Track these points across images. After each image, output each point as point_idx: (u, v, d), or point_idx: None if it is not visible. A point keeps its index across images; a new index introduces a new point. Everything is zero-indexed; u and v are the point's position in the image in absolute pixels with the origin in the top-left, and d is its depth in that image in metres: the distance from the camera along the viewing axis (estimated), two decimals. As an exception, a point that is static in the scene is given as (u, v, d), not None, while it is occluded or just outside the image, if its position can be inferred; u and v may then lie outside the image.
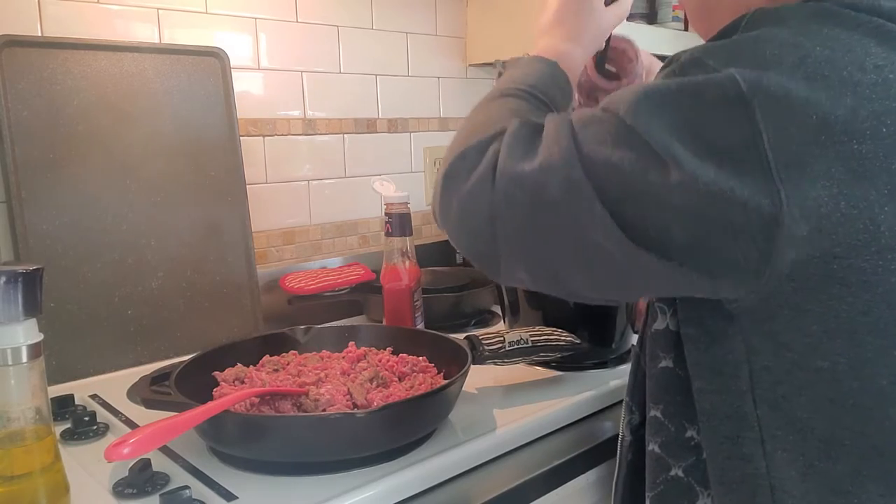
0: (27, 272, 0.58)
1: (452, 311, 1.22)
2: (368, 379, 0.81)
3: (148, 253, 1.08)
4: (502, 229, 0.55)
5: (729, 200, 0.47)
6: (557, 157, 0.52)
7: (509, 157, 0.55)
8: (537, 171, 0.53)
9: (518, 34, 1.50)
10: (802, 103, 0.47)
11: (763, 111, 0.47)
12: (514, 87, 0.69)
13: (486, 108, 0.67)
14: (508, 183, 0.54)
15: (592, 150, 0.51)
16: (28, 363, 0.58)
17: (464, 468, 0.74)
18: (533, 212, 0.53)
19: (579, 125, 0.54)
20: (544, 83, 0.71)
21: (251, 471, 0.70)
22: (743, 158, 0.47)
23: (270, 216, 1.30)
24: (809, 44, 0.49)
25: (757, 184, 0.47)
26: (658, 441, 0.62)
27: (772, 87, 0.47)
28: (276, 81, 1.29)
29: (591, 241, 0.52)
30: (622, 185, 0.50)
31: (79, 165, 1.02)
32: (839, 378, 0.51)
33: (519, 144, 0.55)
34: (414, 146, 1.53)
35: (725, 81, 0.48)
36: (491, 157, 0.56)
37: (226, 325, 1.15)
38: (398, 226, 1.05)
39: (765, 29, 0.51)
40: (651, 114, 0.49)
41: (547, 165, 0.53)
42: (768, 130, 0.47)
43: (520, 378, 0.94)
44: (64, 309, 1.00)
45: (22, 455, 0.59)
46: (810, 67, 0.48)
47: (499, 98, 0.68)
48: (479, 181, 0.56)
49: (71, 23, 1.05)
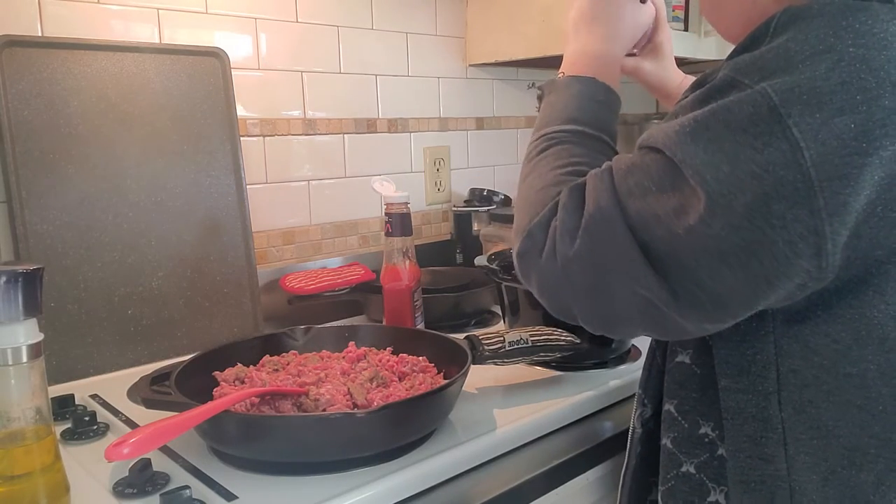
0: (27, 272, 0.58)
1: (452, 311, 1.22)
2: (368, 379, 0.81)
3: (148, 253, 1.08)
4: (574, 298, 0.58)
5: (773, 226, 0.47)
6: (601, 221, 0.54)
7: (562, 239, 0.57)
8: (587, 242, 0.55)
9: (518, 34, 1.50)
10: (839, 112, 0.46)
11: (800, 126, 0.46)
12: (559, 130, 0.69)
13: (538, 168, 0.67)
14: (567, 263, 0.57)
15: (635, 206, 0.53)
16: (28, 363, 0.59)
17: (464, 468, 0.74)
18: (595, 281, 0.55)
19: (620, 177, 0.55)
20: (587, 111, 0.70)
21: (251, 471, 0.70)
22: (784, 179, 0.46)
23: (270, 216, 1.30)
24: (841, 45, 0.48)
25: (801, 205, 0.46)
26: (671, 436, 0.62)
27: (805, 97, 0.46)
28: (276, 81, 1.29)
29: (646, 300, 0.53)
30: (667, 240, 0.51)
31: (79, 165, 1.02)
32: (868, 385, 0.51)
33: (570, 217, 0.57)
34: (414, 146, 1.53)
35: (757, 97, 0.47)
36: (553, 235, 0.59)
37: (226, 325, 1.15)
38: (398, 226, 1.05)
39: (794, 31, 0.50)
40: (691, 146, 0.49)
41: (593, 232, 0.55)
42: (808, 145, 0.46)
43: (520, 378, 0.94)
44: (64, 309, 1.00)
45: (22, 455, 0.60)
46: (844, 71, 0.47)
47: (547, 150, 0.68)
48: (547, 260, 0.59)
49: (71, 23, 1.05)
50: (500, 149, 1.72)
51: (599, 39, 0.75)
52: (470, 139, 1.65)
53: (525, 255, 0.61)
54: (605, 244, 0.54)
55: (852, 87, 0.46)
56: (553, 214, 0.59)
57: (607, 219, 0.54)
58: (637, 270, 0.52)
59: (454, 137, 1.61)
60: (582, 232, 0.55)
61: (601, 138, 0.69)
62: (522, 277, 0.63)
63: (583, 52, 0.74)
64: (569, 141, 0.68)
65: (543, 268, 0.59)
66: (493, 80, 1.68)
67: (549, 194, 0.61)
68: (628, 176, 0.54)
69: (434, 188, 1.58)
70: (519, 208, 0.65)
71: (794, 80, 0.47)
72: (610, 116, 0.72)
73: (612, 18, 0.75)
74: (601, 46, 0.75)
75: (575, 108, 0.70)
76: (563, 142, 0.68)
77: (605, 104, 0.72)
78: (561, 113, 0.70)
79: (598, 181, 0.56)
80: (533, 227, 0.60)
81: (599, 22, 0.75)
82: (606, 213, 0.54)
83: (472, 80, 1.63)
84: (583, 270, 0.55)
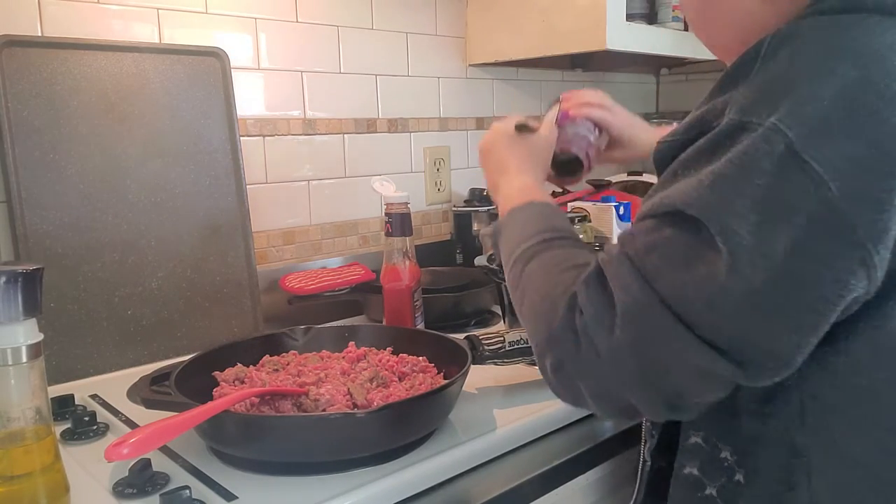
0: (27, 272, 0.58)
1: (452, 311, 1.22)
2: (368, 379, 0.81)
3: (148, 253, 1.08)
4: (631, 390, 0.53)
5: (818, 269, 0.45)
6: (637, 308, 0.50)
7: (597, 334, 0.52)
8: (629, 331, 0.51)
9: (518, 34, 1.50)
10: (852, 138, 0.45)
11: (817, 160, 0.45)
12: (528, 247, 0.66)
13: (530, 285, 0.63)
14: (613, 354, 0.52)
15: (667, 284, 0.49)
16: (28, 363, 0.59)
17: (464, 468, 0.74)
18: (648, 367, 0.51)
19: (640, 258, 0.51)
20: (544, 223, 0.69)
21: (251, 471, 0.70)
22: (815, 217, 0.45)
23: (270, 216, 1.30)
24: (842, 67, 0.46)
25: (840, 239, 0.45)
26: (696, 464, 0.61)
27: (816, 128, 0.45)
28: (276, 81, 1.29)
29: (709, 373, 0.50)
30: (710, 310, 0.48)
31: (79, 165, 1.02)
32: (884, 398, 0.50)
33: (600, 311, 0.53)
34: (414, 146, 1.53)
35: (770, 135, 0.46)
36: (584, 332, 0.53)
37: (226, 325, 1.15)
38: (398, 226, 1.05)
39: (788, 56, 0.49)
40: (715, 200, 0.47)
41: (632, 320, 0.51)
42: (831, 177, 0.44)
43: (520, 378, 0.94)
44: (64, 309, 1.00)
45: (22, 455, 0.59)
46: (848, 96, 0.46)
47: (528, 265, 0.64)
48: (588, 360, 0.54)
49: (71, 23, 1.05)
50: (500, 149, 1.72)
51: (514, 179, 0.79)
52: (470, 139, 1.65)
53: (561, 366, 0.56)
54: (649, 331, 0.50)
55: (860, 112, 0.45)
56: (572, 314, 0.55)
57: (643, 304, 0.50)
58: (690, 350, 0.49)
59: (454, 137, 1.61)
60: (620, 322, 0.51)
61: (570, 237, 0.67)
62: (566, 394, 0.57)
63: (508, 194, 0.77)
64: (543, 250, 0.65)
65: (587, 370, 0.54)
66: (493, 80, 1.68)
67: (556, 298, 0.57)
68: (650, 254, 0.51)
69: (434, 188, 1.58)
70: (531, 326, 0.61)
71: (802, 110, 0.46)
72: (562, 221, 0.70)
73: (512, 160, 0.81)
74: (518, 182, 0.79)
75: (532, 226, 0.69)
76: (539, 252, 0.65)
77: (555, 214, 0.72)
78: (520, 236, 0.68)
79: (618, 266, 0.52)
80: (556, 333, 0.55)
81: (504, 169, 0.81)
82: (640, 298, 0.50)
83: (472, 80, 1.63)
84: (631, 359, 0.51)
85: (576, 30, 1.39)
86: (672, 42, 1.51)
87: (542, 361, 0.58)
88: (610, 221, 1.44)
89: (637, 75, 2.09)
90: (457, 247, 1.58)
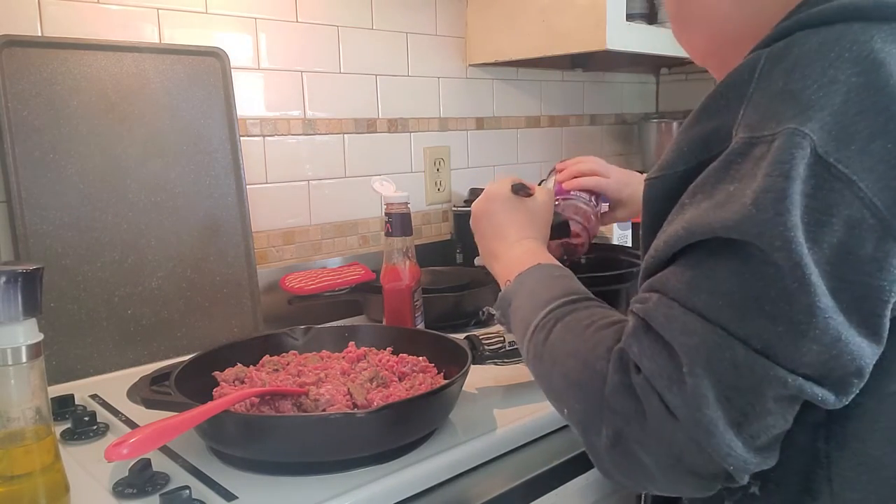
0: (27, 272, 0.58)
1: (452, 311, 1.22)
2: (368, 379, 0.81)
3: (148, 253, 1.08)
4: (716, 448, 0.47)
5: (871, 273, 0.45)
6: (709, 351, 0.46)
7: (668, 390, 0.48)
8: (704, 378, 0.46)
9: (518, 34, 1.50)
10: (871, 138, 0.45)
11: (843, 162, 0.44)
12: (546, 314, 0.61)
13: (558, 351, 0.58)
14: (692, 411, 0.47)
15: (730, 318, 0.46)
16: (28, 363, 0.58)
17: (464, 468, 0.74)
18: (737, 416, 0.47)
19: (687, 298, 0.48)
20: (557, 287, 0.65)
21: (251, 471, 0.70)
22: (853, 219, 0.44)
23: (270, 216, 1.30)
24: (843, 76, 0.47)
25: (885, 238, 0.45)
26: None
27: (834, 132, 0.45)
28: (276, 81, 1.29)
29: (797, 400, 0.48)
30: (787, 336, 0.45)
31: (79, 165, 1.02)
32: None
33: (661, 365, 0.48)
34: (414, 146, 1.53)
35: (796, 140, 0.45)
36: (647, 393, 0.49)
37: (226, 325, 1.15)
38: (398, 226, 1.05)
39: (784, 74, 0.48)
40: (762, 216, 0.45)
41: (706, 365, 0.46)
42: (860, 177, 0.44)
43: (520, 378, 0.94)
44: (64, 309, 1.00)
45: (22, 455, 0.59)
46: (856, 101, 0.46)
47: (552, 333, 0.59)
48: (660, 427, 0.48)
49: (71, 23, 1.05)
50: (500, 149, 1.72)
51: (514, 245, 0.76)
52: (470, 139, 1.65)
53: (620, 438, 0.50)
54: (728, 372, 0.46)
55: (871, 112, 0.46)
56: (626, 375, 0.50)
57: (713, 345, 0.46)
58: (780, 382, 0.45)
59: (454, 137, 1.61)
60: (689, 370, 0.46)
61: (593, 299, 0.63)
62: (625, 472, 0.52)
63: (509, 261, 0.74)
64: (567, 314, 0.60)
65: (657, 435, 0.48)
66: (493, 80, 1.68)
67: (597, 361, 0.52)
68: (697, 292, 0.47)
69: (434, 188, 1.58)
70: (568, 398, 0.55)
71: (817, 117, 0.45)
72: (576, 284, 0.66)
73: (511, 226, 0.78)
74: (520, 248, 0.75)
75: (543, 293, 0.64)
76: (561, 318, 0.60)
77: (564, 276, 0.68)
78: (536, 305, 0.63)
79: (667, 311, 0.48)
80: (610, 399, 0.50)
81: (502, 234, 0.78)
82: (708, 339, 0.46)
83: (472, 80, 1.63)
84: (714, 407, 0.46)
85: (576, 30, 1.39)
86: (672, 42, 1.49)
87: (591, 438, 0.53)
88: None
89: (637, 75, 2.10)
90: (457, 247, 1.58)
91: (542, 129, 1.82)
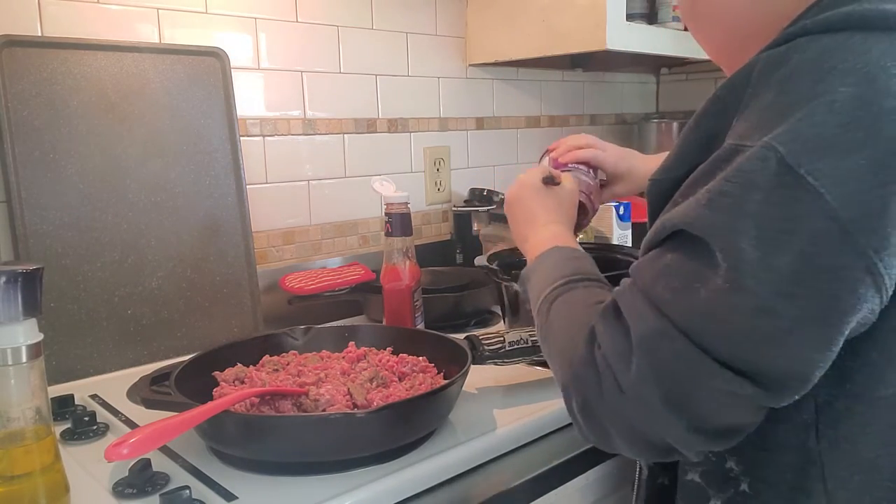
0: (27, 272, 0.58)
1: (452, 311, 1.22)
2: (368, 379, 0.81)
3: (148, 253, 1.08)
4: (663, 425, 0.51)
5: (829, 281, 0.45)
6: (652, 338, 0.50)
7: (617, 366, 0.52)
8: (646, 361, 0.50)
9: (518, 34, 1.50)
10: (846, 153, 0.45)
11: (813, 174, 0.45)
12: (554, 288, 0.66)
13: (554, 324, 0.64)
14: (635, 387, 0.51)
15: (677, 310, 0.49)
16: (28, 363, 0.59)
17: (464, 468, 0.74)
18: (674, 397, 0.50)
19: (648, 287, 0.52)
20: (570, 267, 0.69)
21: (251, 471, 0.70)
22: (816, 230, 0.45)
23: (270, 216, 1.30)
24: (831, 88, 0.47)
25: (845, 251, 0.45)
26: (699, 471, 0.60)
27: (810, 144, 0.45)
28: (276, 81, 1.29)
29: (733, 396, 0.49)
30: (724, 333, 0.47)
31: (79, 165, 1.02)
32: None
33: (616, 342, 0.52)
34: (414, 146, 1.53)
35: (764, 152, 0.46)
36: (604, 367, 0.53)
37: (226, 325, 1.15)
38: (398, 226, 1.05)
39: (777, 83, 0.49)
40: (713, 217, 0.47)
41: (647, 349, 0.50)
42: (828, 190, 0.45)
43: (520, 378, 0.94)
44: (64, 309, 1.00)
45: (22, 455, 0.59)
46: (840, 113, 0.46)
47: (554, 304, 0.65)
48: (612, 398, 0.52)
49: (71, 23, 1.05)
50: (500, 149, 1.72)
51: (542, 229, 0.80)
52: (470, 139, 1.65)
53: (586, 406, 0.54)
54: (667, 359, 0.49)
55: (852, 127, 0.45)
56: (590, 347, 0.54)
57: (657, 332, 0.50)
58: (711, 375, 0.48)
59: (454, 137, 1.61)
60: (636, 351, 0.50)
61: (595, 279, 0.67)
62: (596, 437, 0.56)
63: (536, 243, 0.78)
64: (567, 291, 0.65)
65: (612, 408, 0.53)
66: (493, 80, 1.68)
67: (576, 334, 0.57)
68: (656, 283, 0.51)
69: (434, 188, 1.58)
70: (556, 366, 0.60)
71: (795, 130, 0.46)
72: (588, 265, 0.70)
73: (540, 211, 0.83)
74: (547, 231, 0.79)
75: (558, 270, 0.69)
76: (564, 292, 0.65)
77: (578, 258, 0.72)
78: (547, 279, 0.68)
79: (631, 296, 0.53)
80: (577, 370, 0.55)
81: (533, 220, 0.82)
82: (654, 326, 0.50)
83: (472, 80, 1.63)
84: (653, 389, 0.50)
85: (576, 30, 1.39)
86: (672, 42, 1.51)
87: (569, 403, 0.57)
88: (610, 221, 1.45)
89: (637, 75, 2.10)
90: (457, 247, 1.58)
91: (542, 129, 1.82)
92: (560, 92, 1.85)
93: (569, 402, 0.57)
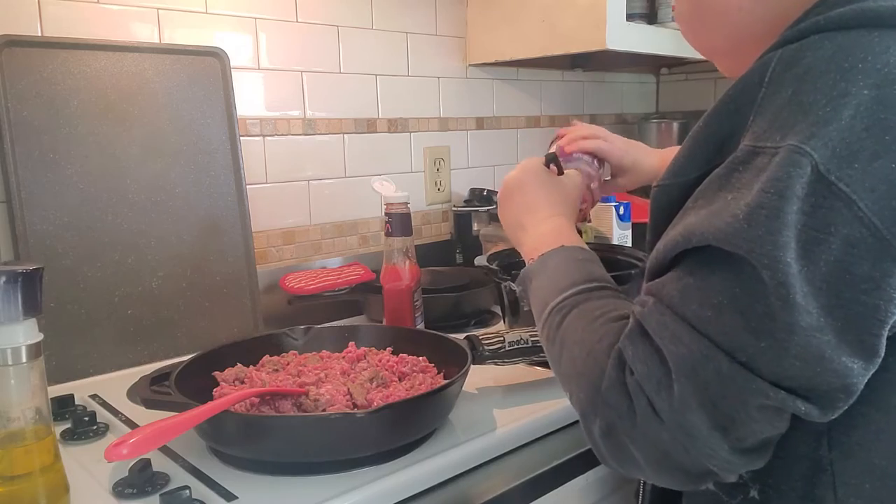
0: (27, 272, 0.58)
1: (452, 311, 1.22)
2: (368, 379, 0.81)
3: (148, 253, 1.08)
4: (699, 450, 0.49)
5: (867, 291, 0.44)
6: (693, 360, 0.48)
7: (657, 393, 0.49)
8: (689, 385, 0.48)
9: (518, 34, 1.50)
10: (874, 157, 0.44)
11: (844, 180, 0.44)
12: (563, 299, 0.63)
13: (568, 338, 0.60)
14: (676, 415, 0.48)
15: (718, 330, 0.47)
16: (28, 363, 0.59)
17: (464, 468, 0.74)
18: (720, 421, 0.48)
19: (680, 306, 0.49)
20: (577, 272, 0.66)
21: (251, 471, 0.70)
22: (851, 238, 0.44)
23: (270, 216, 1.30)
24: (855, 88, 0.46)
25: (882, 258, 0.44)
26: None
27: (837, 150, 0.45)
28: (276, 81, 1.29)
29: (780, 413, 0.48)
30: (772, 351, 0.46)
31: (79, 165, 1.02)
32: None
33: (652, 368, 0.50)
34: (414, 146, 1.53)
35: (796, 158, 0.45)
36: (638, 393, 0.50)
37: (226, 325, 1.15)
38: (398, 226, 1.05)
39: (796, 81, 0.48)
40: (754, 238, 0.45)
41: (690, 373, 0.48)
42: (860, 196, 0.44)
43: (520, 378, 0.94)
44: (64, 309, 1.00)
45: (22, 455, 0.60)
46: (865, 116, 0.45)
47: (566, 319, 0.61)
48: (648, 426, 0.50)
49: (71, 23, 1.05)
50: (500, 149, 1.72)
51: (544, 221, 0.76)
52: (470, 139, 1.65)
53: (612, 431, 0.52)
54: (712, 381, 0.47)
55: (878, 130, 0.45)
56: (621, 374, 0.52)
57: (698, 355, 0.47)
58: (762, 394, 0.46)
59: (454, 137, 1.61)
60: (676, 376, 0.48)
61: (609, 287, 0.64)
62: (617, 461, 0.54)
63: (536, 237, 0.74)
64: (580, 302, 0.62)
65: (646, 435, 0.50)
66: (493, 80, 1.68)
67: (600, 355, 0.54)
68: (688, 302, 0.49)
69: (434, 188, 1.58)
70: (572, 384, 0.57)
71: (822, 132, 0.45)
72: (598, 268, 0.68)
73: (543, 201, 0.78)
74: (550, 224, 0.75)
75: (564, 276, 0.66)
76: (576, 305, 0.62)
77: (587, 260, 0.69)
78: (556, 285, 0.65)
79: (659, 317, 0.50)
80: (605, 395, 0.52)
81: (534, 209, 0.78)
82: (694, 348, 0.47)
83: (472, 80, 1.63)
84: (698, 414, 0.48)
85: (576, 30, 1.39)
86: (672, 42, 1.51)
87: (589, 425, 0.54)
88: (610, 221, 1.45)
89: (637, 75, 2.10)
90: (457, 247, 1.58)
91: (542, 129, 1.82)
92: (560, 92, 1.85)
93: (589, 425, 0.54)
